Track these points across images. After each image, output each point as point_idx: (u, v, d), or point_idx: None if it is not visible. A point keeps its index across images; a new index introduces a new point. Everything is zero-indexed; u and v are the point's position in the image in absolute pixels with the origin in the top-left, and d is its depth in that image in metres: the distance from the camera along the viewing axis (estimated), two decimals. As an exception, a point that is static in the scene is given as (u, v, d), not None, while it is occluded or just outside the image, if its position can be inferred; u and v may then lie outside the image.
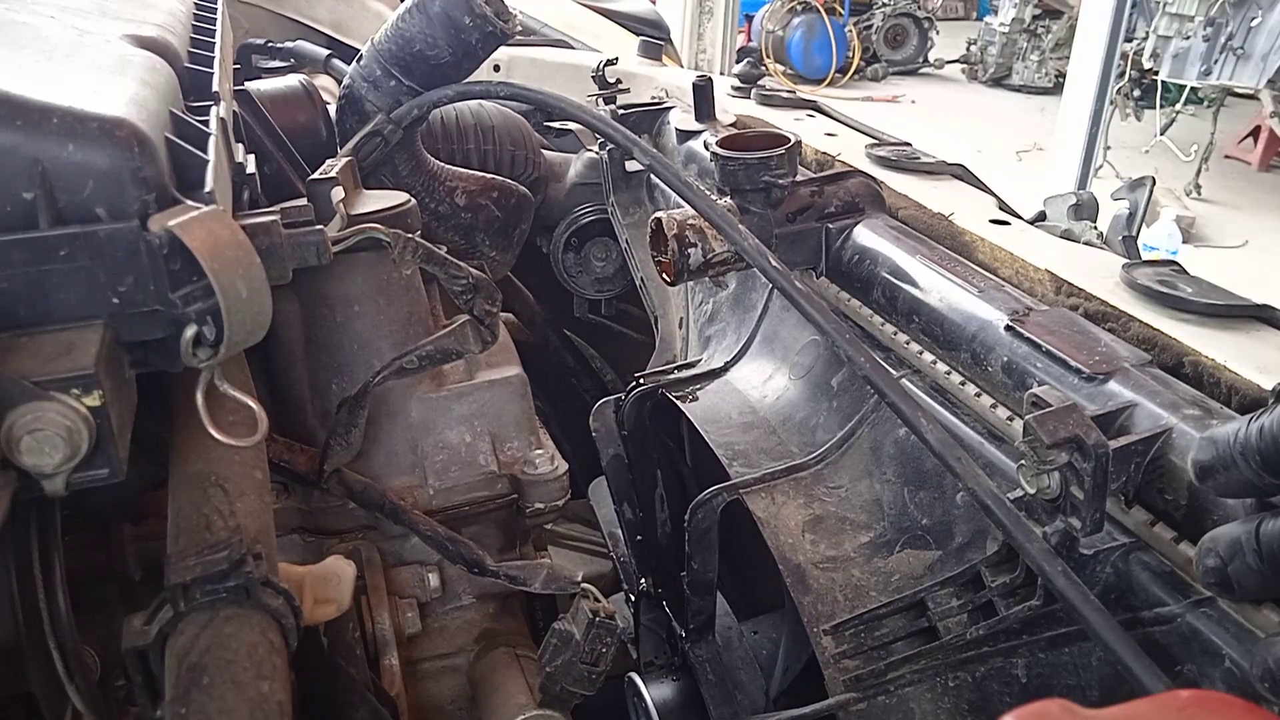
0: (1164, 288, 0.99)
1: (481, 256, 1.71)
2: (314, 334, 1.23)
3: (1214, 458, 0.72)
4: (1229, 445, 0.70)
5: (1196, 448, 0.74)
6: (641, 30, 2.51)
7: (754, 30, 11.05)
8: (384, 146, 1.46)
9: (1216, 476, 0.72)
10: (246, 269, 0.63)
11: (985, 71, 11.08)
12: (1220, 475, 0.72)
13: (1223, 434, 0.72)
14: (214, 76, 0.96)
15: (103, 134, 0.62)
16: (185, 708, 0.59)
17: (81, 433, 0.57)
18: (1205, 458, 0.73)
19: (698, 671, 1.33)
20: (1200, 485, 0.75)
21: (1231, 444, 0.70)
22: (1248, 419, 0.70)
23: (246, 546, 0.67)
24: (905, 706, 0.92)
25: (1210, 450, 0.72)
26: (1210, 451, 0.72)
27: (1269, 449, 0.67)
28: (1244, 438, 0.69)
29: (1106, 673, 0.82)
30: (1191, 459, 0.75)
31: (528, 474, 1.22)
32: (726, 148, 1.21)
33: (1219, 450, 0.71)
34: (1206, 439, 0.74)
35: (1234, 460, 0.70)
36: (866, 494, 1.09)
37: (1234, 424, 0.71)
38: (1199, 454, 0.74)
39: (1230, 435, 0.71)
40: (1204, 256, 6.09)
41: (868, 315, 1.19)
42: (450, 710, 1.20)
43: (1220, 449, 0.71)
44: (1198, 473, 0.74)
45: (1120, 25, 5.84)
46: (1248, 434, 0.69)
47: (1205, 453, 0.73)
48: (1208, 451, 0.73)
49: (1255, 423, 0.68)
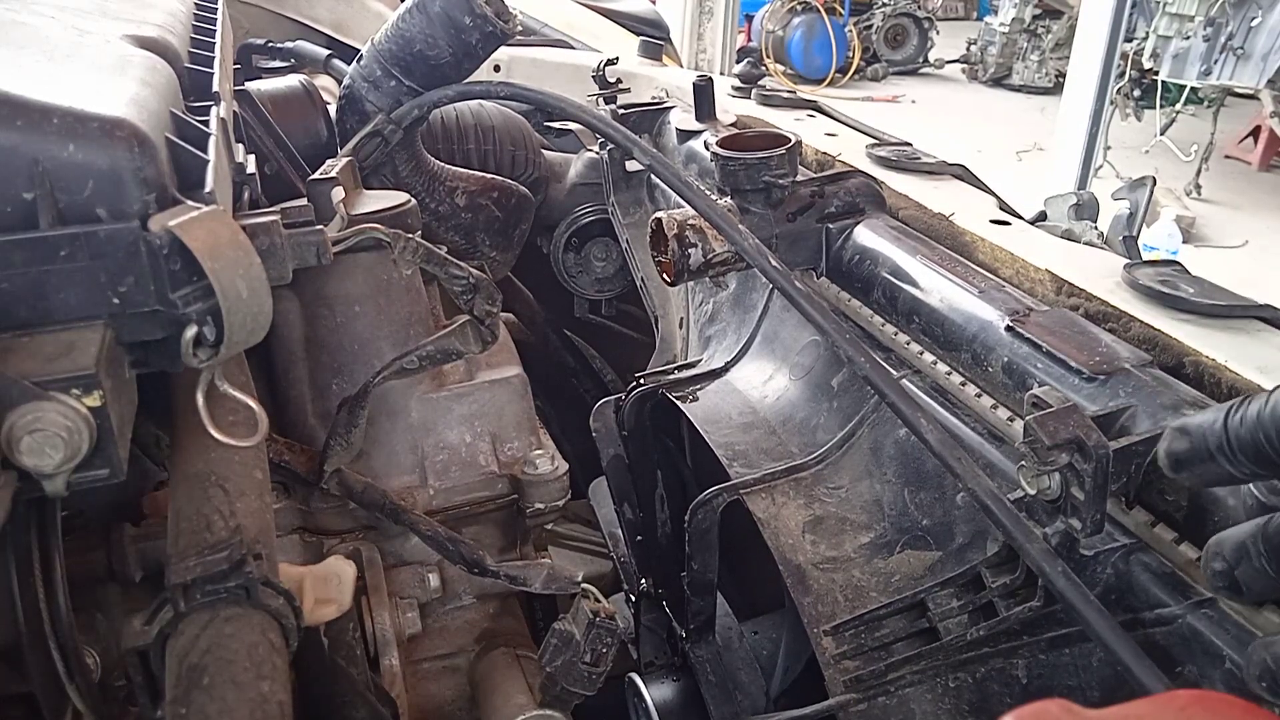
0: (1165, 288, 0.99)
1: (481, 256, 1.71)
2: (314, 334, 1.23)
3: (1189, 449, 0.70)
4: (1204, 435, 0.69)
5: (1168, 438, 0.72)
6: (641, 30, 2.51)
7: (754, 30, 11.04)
8: (384, 146, 1.46)
9: (1193, 468, 0.70)
10: (246, 269, 0.63)
11: (985, 71, 11.08)
12: (1197, 466, 0.70)
13: (1196, 424, 0.70)
14: (214, 76, 0.96)
15: (103, 134, 0.62)
16: (185, 708, 0.59)
17: (81, 433, 0.57)
18: (1180, 448, 0.71)
19: (698, 672, 1.33)
20: (1174, 476, 0.73)
21: (1209, 433, 0.68)
22: (1225, 408, 0.68)
23: (247, 546, 0.66)
24: (905, 707, 0.92)
25: (1184, 441, 0.70)
26: (1184, 442, 0.70)
27: (1250, 438, 0.65)
28: (1223, 427, 0.67)
29: (1107, 673, 0.82)
30: (1165, 450, 0.72)
31: (528, 474, 1.22)
32: (726, 148, 1.21)
33: (1194, 441, 0.70)
34: (1178, 429, 0.71)
35: (1211, 451, 0.68)
36: (867, 494, 1.09)
37: (1207, 414, 0.70)
38: (1173, 444, 0.71)
39: (1206, 425, 0.69)
40: (1204, 256, 6.09)
41: (868, 315, 1.19)
42: (450, 710, 1.20)
43: (1195, 439, 0.69)
44: (1171, 464, 0.72)
45: (1120, 25, 5.83)
46: (1227, 423, 0.67)
47: (1179, 443, 0.71)
48: (1181, 442, 0.71)
49: (1236, 412, 0.67)
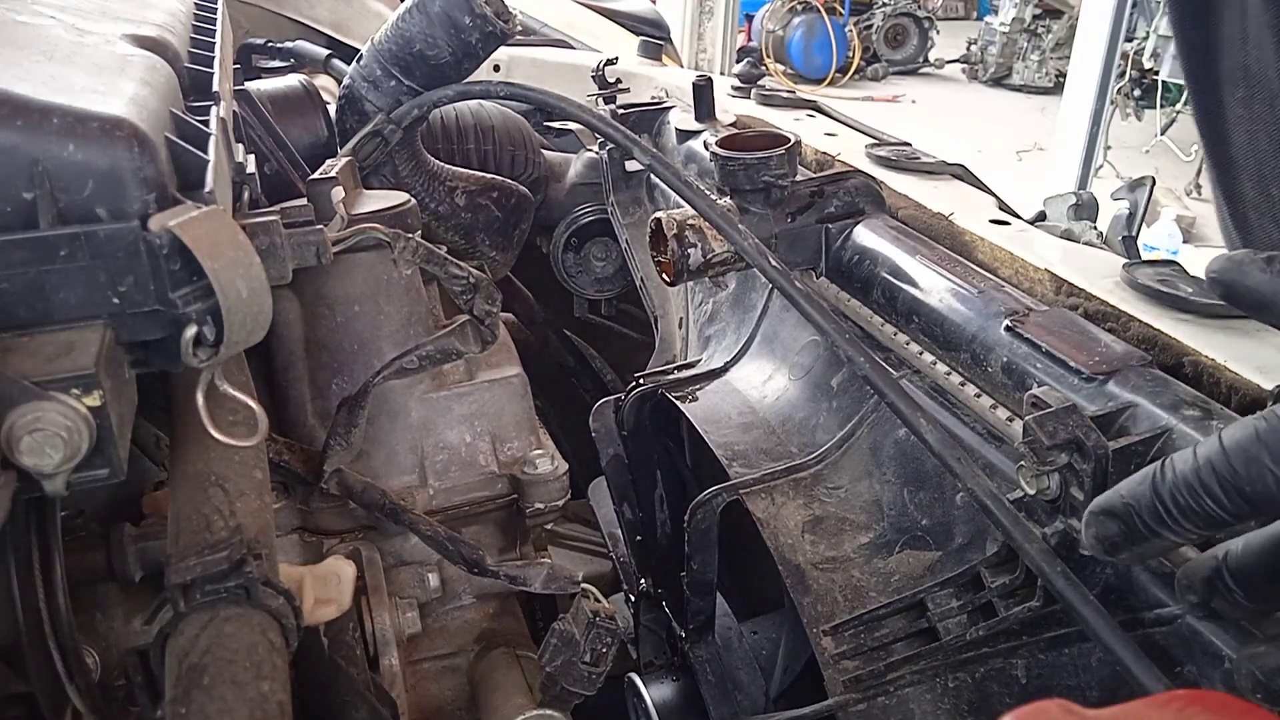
0: (1164, 287, 0.99)
1: (481, 256, 1.71)
2: (314, 334, 1.23)
3: (1122, 530, 0.65)
4: (1134, 512, 0.63)
5: (1093, 524, 0.67)
6: (642, 30, 2.51)
7: (754, 30, 11.04)
8: (384, 146, 1.46)
9: (1132, 547, 0.65)
10: (246, 269, 0.63)
11: (985, 71, 11.08)
12: (1137, 545, 0.65)
13: (1122, 502, 0.65)
14: (214, 76, 0.95)
15: (103, 134, 0.62)
16: (185, 708, 0.59)
17: (81, 433, 0.57)
18: (1111, 532, 0.65)
19: (698, 672, 1.33)
20: (1112, 559, 0.68)
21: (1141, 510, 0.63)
22: (1149, 476, 0.63)
23: (247, 546, 0.66)
24: (905, 707, 0.92)
25: (1114, 524, 0.65)
26: (1114, 525, 0.65)
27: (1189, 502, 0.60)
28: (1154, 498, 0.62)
29: (1106, 673, 0.82)
30: (1094, 537, 0.67)
31: (528, 474, 1.22)
32: (726, 148, 1.21)
33: (1125, 520, 0.64)
34: (1102, 512, 0.66)
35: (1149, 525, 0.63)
36: (866, 494, 1.09)
37: (1127, 487, 0.65)
38: (1102, 530, 0.66)
39: (1134, 500, 0.64)
40: (1204, 256, 6.02)
41: (868, 315, 1.19)
42: (450, 710, 1.20)
43: (1126, 518, 0.64)
44: (1106, 549, 0.66)
45: (1120, 25, 5.83)
46: (1157, 492, 0.62)
47: (1109, 527, 0.66)
48: (1111, 525, 0.65)
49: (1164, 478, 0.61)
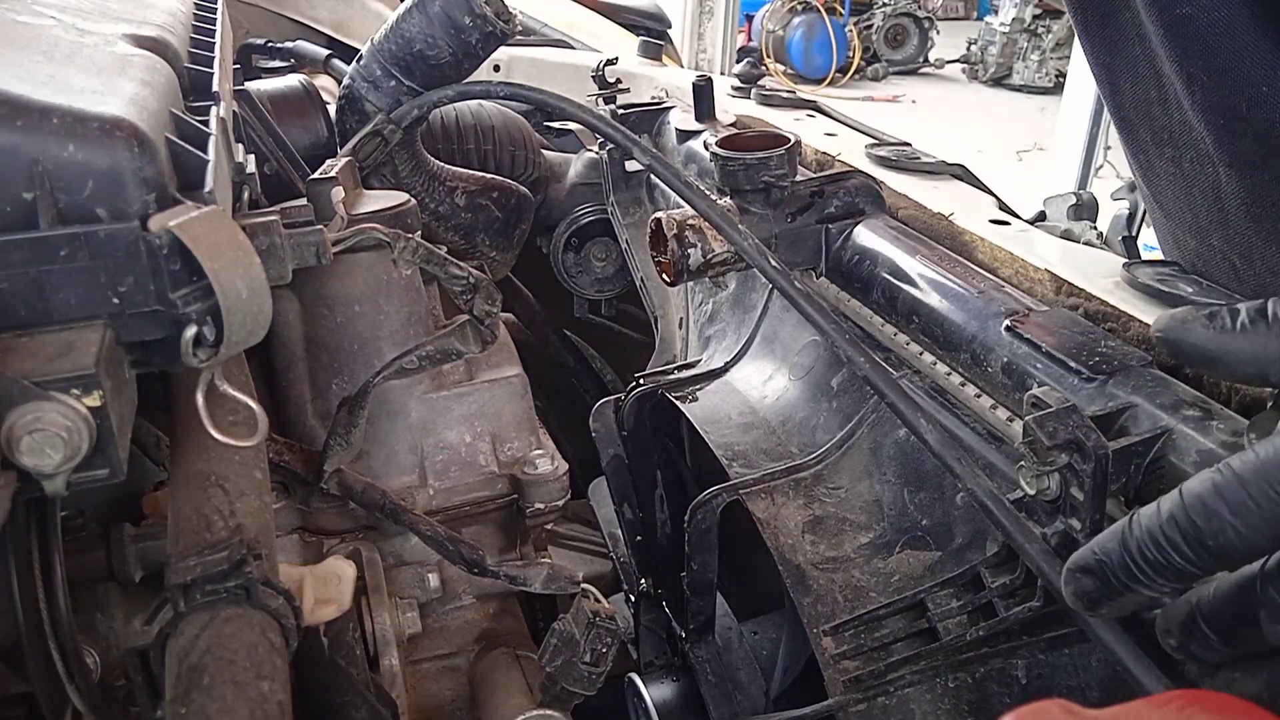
0: (1164, 287, 0.99)
1: (481, 256, 1.71)
2: (314, 334, 1.23)
3: (1098, 586, 0.63)
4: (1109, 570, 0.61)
5: (1069, 580, 0.65)
6: (642, 24, 2.51)
7: (754, 30, 11.05)
8: (384, 146, 1.46)
9: (1110, 602, 0.63)
10: (246, 269, 0.63)
11: (985, 71, 11.09)
12: (1115, 600, 0.63)
13: (1095, 559, 0.62)
14: (214, 76, 0.95)
15: (103, 134, 0.62)
16: (185, 708, 0.59)
17: (81, 433, 0.57)
18: (1088, 587, 0.64)
19: (698, 672, 1.33)
20: (1093, 614, 0.66)
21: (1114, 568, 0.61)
22: (1119, 532, 0.61)
23: (247, 546, 0.66)
24: (905, 707, 0.92)
25: (1089, 580, 0.63)
26: (1089, 581, 0.63)
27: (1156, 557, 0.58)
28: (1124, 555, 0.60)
29: (1106, 674, 0.82)
30: (1073, 593, 0.65)
31: (528, 474, 1.22)
32: (726, 148, 1.21)
33: (1099, 577, 0.62)
34: (1077, 569, 0.64)
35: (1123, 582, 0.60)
36: (866, 495, 1.09)
37: (1102, 541, 0.63)
38: (1079, 586, 0.64)
39: (1106, 556, 0.62)
40: (1204, 257, 6.07)
41: (868, 315, 1.19)
42: (450, 710, 1.20)
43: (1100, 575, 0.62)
44: (1086, 605, 0.64)
45: (1120, 25, 5.82)
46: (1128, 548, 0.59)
47: (1085, 583, 0.64)
48: (1086, 581, 0.64)
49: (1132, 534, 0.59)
